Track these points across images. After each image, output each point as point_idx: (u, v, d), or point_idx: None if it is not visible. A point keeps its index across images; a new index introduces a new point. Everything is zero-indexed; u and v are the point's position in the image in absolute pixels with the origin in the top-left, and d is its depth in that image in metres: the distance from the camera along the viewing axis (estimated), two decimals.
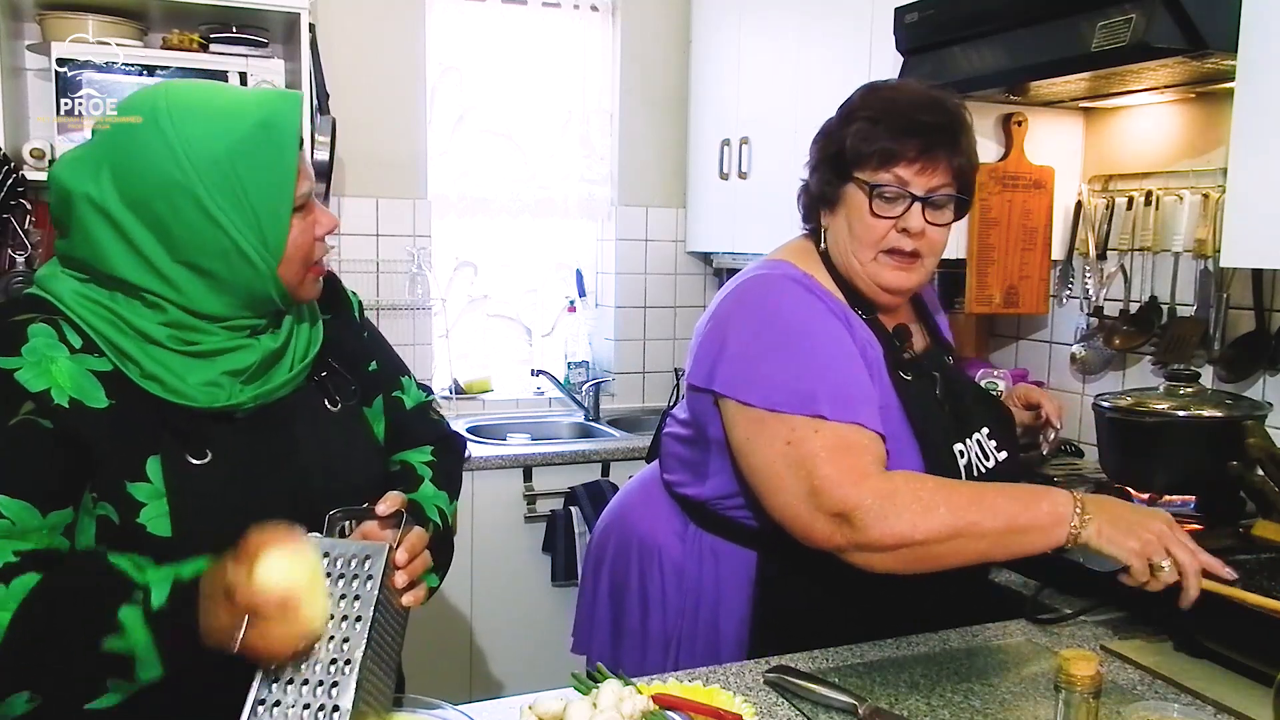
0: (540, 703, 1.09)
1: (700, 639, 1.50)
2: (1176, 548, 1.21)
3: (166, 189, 1.05)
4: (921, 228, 1.38)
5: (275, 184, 1.10)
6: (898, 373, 1.41)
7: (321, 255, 1.19)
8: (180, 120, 1.06)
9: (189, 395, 1.09)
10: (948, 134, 1.38)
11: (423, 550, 1.10)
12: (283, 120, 1.10)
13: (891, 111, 1.38)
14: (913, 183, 1.37)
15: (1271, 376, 2.00)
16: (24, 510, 1.01)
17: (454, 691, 1.37)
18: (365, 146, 3.10)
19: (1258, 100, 1.59)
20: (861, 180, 1.39)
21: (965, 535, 1.23)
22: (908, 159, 1.36)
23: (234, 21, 2.66)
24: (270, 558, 0.94)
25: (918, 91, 1.42)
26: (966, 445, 1.45)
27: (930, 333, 1.58)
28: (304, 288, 1.18)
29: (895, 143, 1.36)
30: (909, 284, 1.43)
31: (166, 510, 1.06)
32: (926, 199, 1.37)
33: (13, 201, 2.41)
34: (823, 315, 1.39)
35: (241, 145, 1.07)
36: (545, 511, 2.92)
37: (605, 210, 3.49)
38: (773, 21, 2.91)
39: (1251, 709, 1.19)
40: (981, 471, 1.45)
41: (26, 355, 1.03)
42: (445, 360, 3.34)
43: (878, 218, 1.38)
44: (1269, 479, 1.64)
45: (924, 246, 1.39)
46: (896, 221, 1.38)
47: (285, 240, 1.12)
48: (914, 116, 1.37)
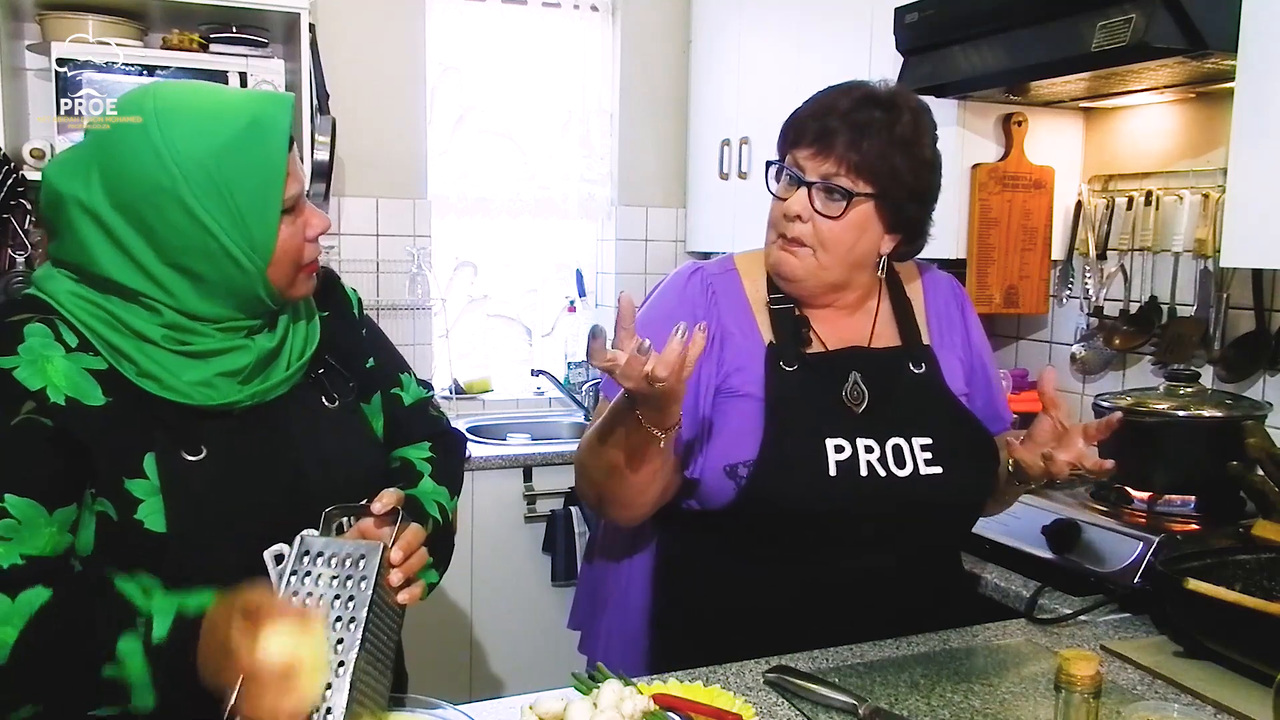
0: (540, 703, 1.09)
1: (615, 619, 1.52)
2: None
3: (153, 192, 1.05)
4: (797, 212, 1.36)
5: (262, 186, 1.09)
6: (779, 362, 1.39)
7: (314, 256, 1.18)
8: (167, 122, 1.05)
9: (185, 393, 1.09)
10: (853, 127, 1.34)
11: (419, 547, 1.10)
12: (271, 121, 1.10)
13: (819, 100, 1.39)
14: (805, 168, 1.36)
15: (1271, 376, 2.00)
16: (30, 508, 1.01)
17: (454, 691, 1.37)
18: (365, 146, 3.10)
19: (1258, 100, 1.59)
20: (772, 161, 1.41)
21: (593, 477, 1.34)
22: (805, 143, 1.36)
23: (234, 21, 2.66)
24: (278, 630, 0.92)
25: (861, 88, 1.39)
26: (858, 444, 1.37)
27: (904, 336, 1.48)
28: (295, 287, 1.18)
29: (800, 126, 1.37)
30: (789, 270, 1.40)
31: (162, 507, 1.06)
32: (812, 184, 1.35)
33: (13, 201, 2.41)
34: (669, 298, 1.44)
35: (227, 147, 1.06)
36: (545, 511, 2.92)
37: (605, 210, 3.49)
38: (772, 21, 2.92)
39: (1251, 709, 1.19)
40: (877, 474, 1.36)
41: (23, 354, 1.04)
42: (445, 360, 3.33)
43: (776, 199, 1.40)
44: (1269, 479, 1.64)
45: (809, 236, 1.37)
46: (786, 205, 1.38)
47: (274, 242, 1.11)
48: (829, 103, 1.37)
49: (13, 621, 0.98)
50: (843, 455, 1.36)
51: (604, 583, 1.57)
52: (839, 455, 1.36)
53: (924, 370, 1.46)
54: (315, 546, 1.03)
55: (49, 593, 1.00)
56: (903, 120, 1.36)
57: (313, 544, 1.04)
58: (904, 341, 1.48)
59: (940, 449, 1.40)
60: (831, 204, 1.35)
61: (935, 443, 1.41)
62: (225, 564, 1.07)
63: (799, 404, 1.38)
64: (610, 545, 1.57)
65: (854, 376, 1.41)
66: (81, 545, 1.07)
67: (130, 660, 0.98)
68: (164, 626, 0.99)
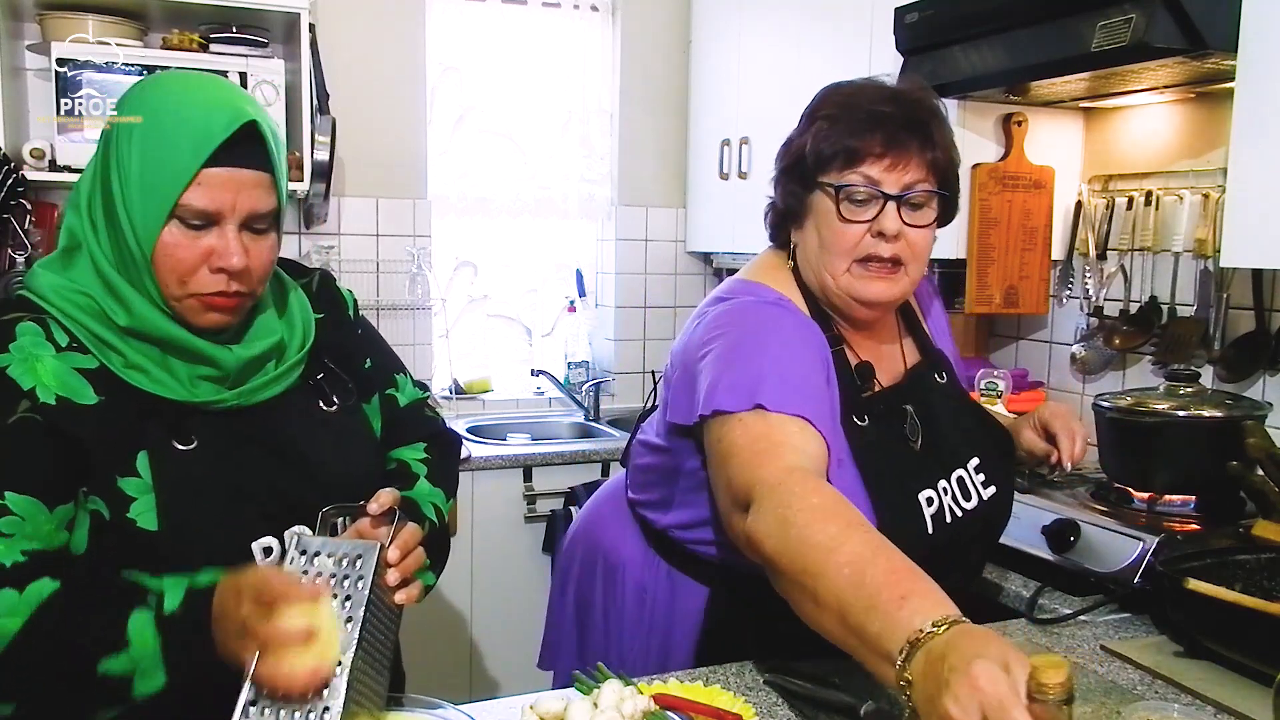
0: (541, 703, 1.09)
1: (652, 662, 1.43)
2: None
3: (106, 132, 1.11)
4: (898, 229, 1.26)
5: (160, 178, 1.06)
6: (851, 417, 1.28)
7: (214, 289, 1.09)
8: (145, 86, 1.12)
9: (170, 387, 1.09)
10: (915, 125, 1.27)
11: (416, 547, 1.10)
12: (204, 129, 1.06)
13: (851, 107, 1.28)
14: (883, 180, 1.25)
15: (1271, 376, 2.00)
16: (31, 505, 1.01)
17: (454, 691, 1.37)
18: (365, 146, 3.09)
19: (1258, 100, 1.59)
20: (827, 185, 1.28)
21: (797, 580, 1.00)
22: (874, 155, 1.25)
23: (234, 21, 2.66)
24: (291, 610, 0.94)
25: (880, 86, 1.32)
26: (939, 490, 1.32)
27: (920, 346, 1.45)
28: (185, 309, 1.10)
29: (857, 139, 1.25)
30: (890, 296, 1.30)
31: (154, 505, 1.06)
32: (900, 197, 1.26)
33: (13, 201, 2.40)
34: (794, 320, 1.30)
35: (165, 120, 1.07)
36: (545, 511, 2.91)
37: (605, 210, 3.49)
38: (772, 22, 2.92)
39: (1251, 709, 1.19)
40: (956, 516, 1.32)
41: (14, 353, 1.04)
42: (445, 360, 3.33)
43: (848, 222, 1.27)
44: (1269, 479, 1.64)
45: (904, 252, 1.27)
46: (870, 225, 1.26)
47: (154, 236, 1.07)
48: (875, 109, 1.27)
49: (19, 612, 0.98)
50: (933, 508, 1.30)
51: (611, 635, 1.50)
52: (930, 509, 1.30)
53: (946, 380, 1.43)
54: (312, 546, 1.03)
55: (56, 584, 1.01)
56: (932, 108, 1.31)
57: (310, 543, 1.04)
58: (923, 353, 1.44)
59: (988, 466, 1.38)
60: (918, 213, 1.28)
61: (983, 461, 1.38)
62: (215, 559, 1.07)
63: (885, 464, 1.28)
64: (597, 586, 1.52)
65: (909, 411, 1.35)
66: (75, 544, 1.07)
67: (140, 636, 0.98)
68: (176, 598, 1.00)
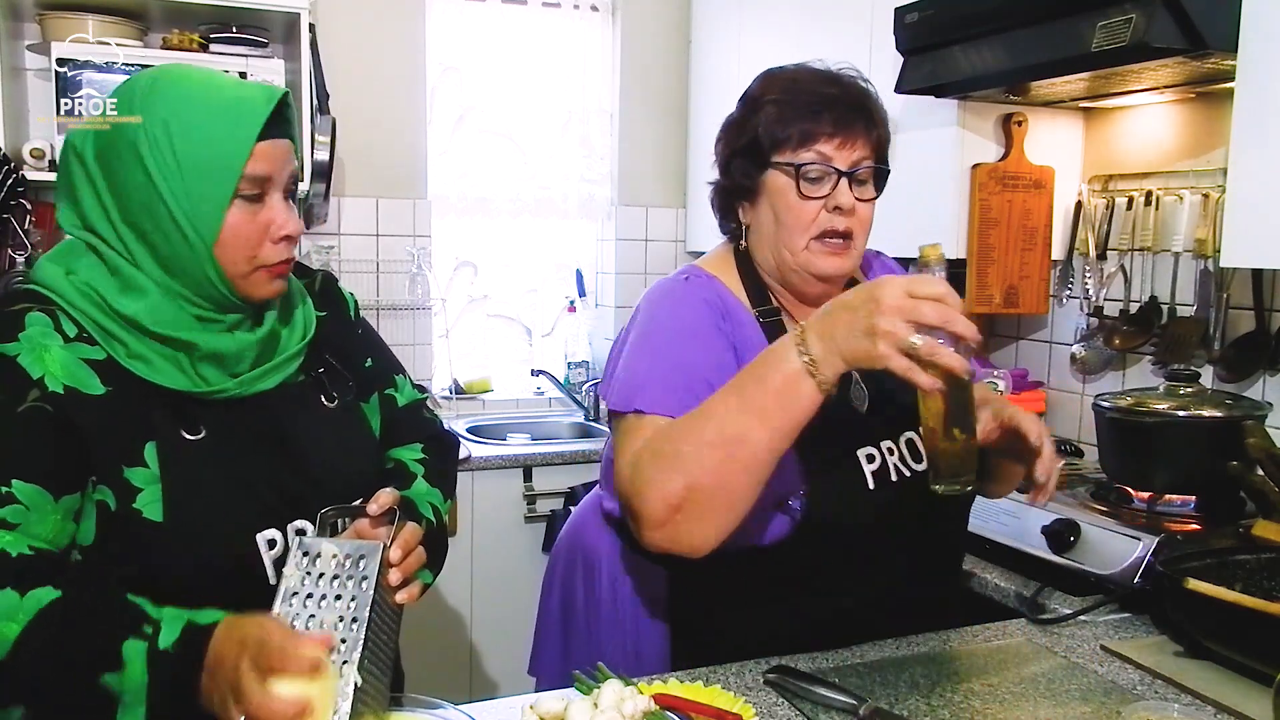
0: (541, 703, 1.09)
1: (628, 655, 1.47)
2: (921, 313, 1.03)
3: (118, 140, 1.08)
4: (852, 204, 1.33)
5: (215, 159, 1.07)
6: None
7: (277, 259, 1.14)
8: (155, 83, 1.10)
9: (172, 377, 1.10)
10: (859, 106, 1.35)
11: (417, 547, 1.10)
12: (249, 105, 1.09)
13: (797, 90, 1.36)
14: (835, 158, 1.33)
15: (1271, 376, 2.00)
16: (37, 494, 1.02)
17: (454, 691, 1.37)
18: (365, 146, 3.10)
19: (1258, 100, 1.59)
20: (782, 164, 1.34)
21: (720, 450, 1.14)
22: (826, 134, 1.33)
23: (234, 21, 2.66)
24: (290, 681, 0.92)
25: (816, 70, 1.39)
26: (883, 449, 1.36)
27: None
28: (251, 284, 1.13)
29: (811, 120, 1.33)
30: (843, 269, 1.37)
31: (160, 496, 1.06)
32: (851, 173, 1.33)
33: (13, 201, 2.40)
34: (688, 308, 1.37)
35: (195, 113, 1.07)
36: (545, 511, 2.91)
37: (605, 210, 3.49)
38: (772, 22, 2.92)
39: (1251, 709, 1.19)
40: (904, 475, 1.36)
41: (24, 342, 1.05)
42: (445, 360, 3.33)
43: (806, 199, 1.34)
44: (1269, 479, 1.64)
45: (855, 225, 1.35)
46: (826, 200, 1.33)
47: (219, 222, 1.08)
48: (822, 91, 1.35)
49: (17, 618, 0.97)
50: (874, 465, 1.34)
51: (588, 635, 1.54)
52: (871, 466, 1.34)
53: None
54: (315, 547, 1.03)
55: (57, 594, 1.00)
56: (868, 90, 1.38)
57: (312, 544, 1.04)
58: None
59: None
60: (864, 188, 1.36)
61: None
62: (218, 550, 1.07)
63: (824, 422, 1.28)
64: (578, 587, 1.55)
65: (854, 376, 1.38)
66: (82, 535, 1.07)
67: (132, 666, 0.97)
68: (172, 634, 0.99)
